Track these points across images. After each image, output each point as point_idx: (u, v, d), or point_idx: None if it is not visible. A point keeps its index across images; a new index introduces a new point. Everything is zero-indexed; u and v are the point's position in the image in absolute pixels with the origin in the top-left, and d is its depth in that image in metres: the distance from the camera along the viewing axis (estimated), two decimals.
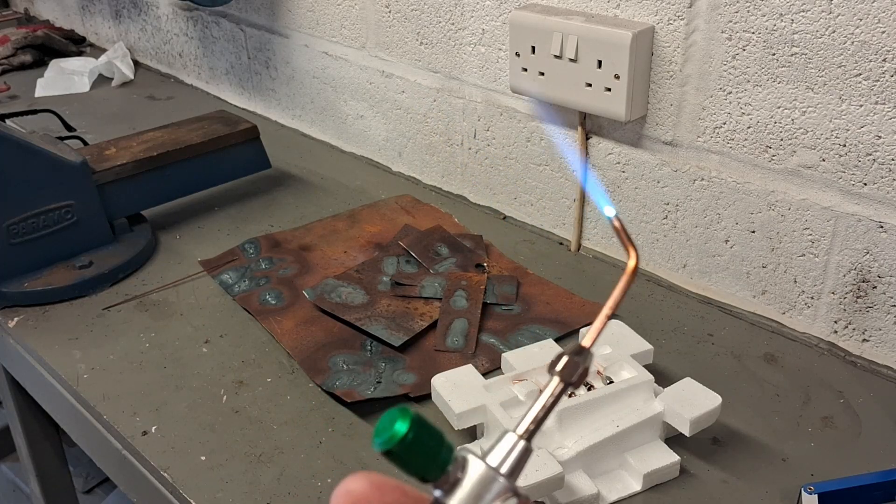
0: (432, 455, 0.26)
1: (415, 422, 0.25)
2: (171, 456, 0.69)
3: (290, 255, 0.96)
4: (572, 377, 0.27)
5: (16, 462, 1.56)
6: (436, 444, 0.26)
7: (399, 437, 0.25)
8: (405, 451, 0.25)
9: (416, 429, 0.25)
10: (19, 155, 0.87)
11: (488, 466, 0.26)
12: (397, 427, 0.25)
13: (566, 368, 0.27)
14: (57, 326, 0.86)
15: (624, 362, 0.69)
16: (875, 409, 0.72)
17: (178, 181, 1.04)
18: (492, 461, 0.26)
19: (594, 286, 0.90)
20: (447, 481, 0.26)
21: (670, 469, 0.65)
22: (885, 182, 0.71)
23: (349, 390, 0.74)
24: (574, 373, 0.27)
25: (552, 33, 0.84)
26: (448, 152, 1.09)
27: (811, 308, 0.80)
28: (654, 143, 0.86)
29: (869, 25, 0.67)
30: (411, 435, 0.25)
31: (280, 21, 1.27)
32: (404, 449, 0.25)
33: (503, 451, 0.27)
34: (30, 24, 1.89)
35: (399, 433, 0.25)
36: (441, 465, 0.26)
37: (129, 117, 1.40)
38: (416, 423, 0.25)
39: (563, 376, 0.27)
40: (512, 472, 0.26)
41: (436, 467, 0.26)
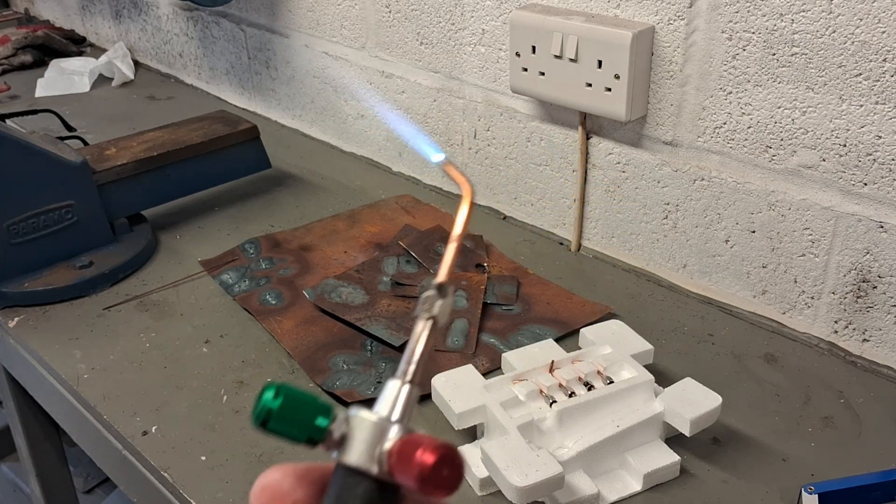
0: (307, 419, 0.26)
1: (280, 391, 0.26)
2: (172, 456, 0.69)
3: (291, 255, 0.96)
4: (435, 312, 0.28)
5: (16, 462, 1.56)
6: (308, 408, 0.26)
7: (266, 411, 0.26)
8: (278, 421, 0.26)
9: (283, 398, 0.26)
10: (19, 155, 0.87)
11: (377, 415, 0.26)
12: (263, 401, 0.26)
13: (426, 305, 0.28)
14: (57, 326, 0.86)
15: (624, 362, 0.69)
16: (875, 409, 0.72)
17: (178, 181, 1.04)
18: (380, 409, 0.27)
19: (594, 286, 0.90)
20: (334, 441, 0.26)
21: (670, 469, 0.65)
22: (886, 182, 0.71)
23: (349, 390, 0.74)
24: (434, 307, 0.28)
25: (552, 33, 0.84)
26: (448, 152, 1.09)
27: (811, 308, 0.80)
28: (654, 143, 0.86)
29: (869, 25, 0.67)
30: (277, 405, 0.26)
31: (280, 21, 1.27)
32: (275, 420, 0.26)
33: (389, 398, 0.27)
34: (30, 24, 1.89)
35: (266, 406, 0.26)
36: (319, 427, 0.26)
37: (130, 117, 1.40)
38: (281, 392, 0.26)
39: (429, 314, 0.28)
40: (402, 418, 0.27)
41: (315, 430, 0.26)
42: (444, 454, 0.24)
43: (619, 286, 0.91)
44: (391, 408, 0.27)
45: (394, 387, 0.27)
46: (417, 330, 0.28)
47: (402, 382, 0.27)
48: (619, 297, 0.88)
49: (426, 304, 0.28)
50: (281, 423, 0.26)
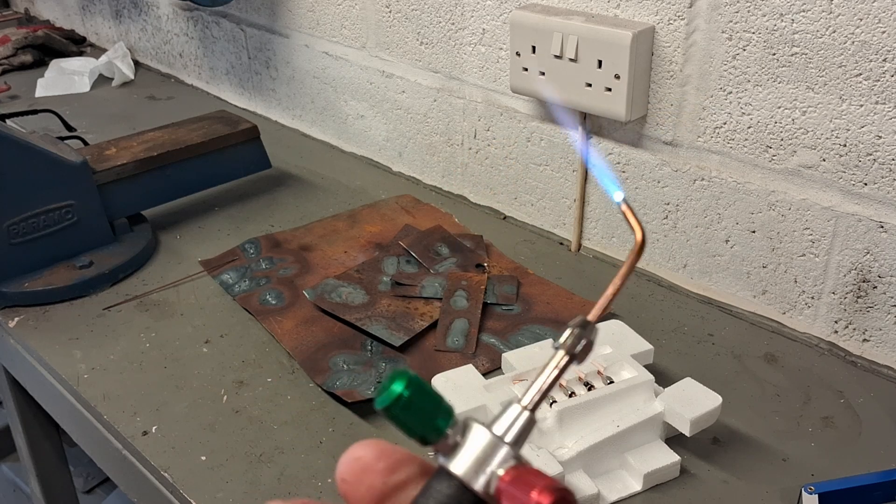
0: (429, 416, 0.26)
1: (412, 382, 0.26)
2: (172, 456, 0.69)
3: (291, 255, 0.96)
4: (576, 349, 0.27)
5: (16, 462, 1.56)
6: (432, 406, 0.26)
7: (395, 396, 0.25)
8: (401, 411, 0.26)
9: (413, 389, 0.26)
10: (19, 155, 0.87)
11: (493, 434, 0.26)
12: (394, 386, 0.26)
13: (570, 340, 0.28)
14: (57, 326, 0.86)
15: (624, 362, 0.69)
16: (875, 409, 0.72)
17: (178, 181, 1.04)
18: (497, 429, 0.27)
19: (594, 286, 0.90)
20: (446, 445, 0.26)
21: (671, 469, 0.65)
22: (886, 182, 0.71)
23: (349, 390, 0.74)
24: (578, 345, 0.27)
25: (552, 33, 0.84)
26: (448, 152, 1.09)
27: (811, 308, 0.80)
28: (654, 143, 0.86)
29: (869, 25, 0.67)
30: (407, 394, 0.25)
31: (280, 21, 1.27)
32: (401, 408, 0.26)
33: (507, 420, 0.27)
34: (30, 24, 1.89)
35: (395, 392, 0.25)
36: (439, 427, 0.26)
37: (130, 117, 1.40)
38: (412, 384, 0.26)
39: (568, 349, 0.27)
40: (516, 441, 0.26)
41: (433, 429, 0.26)
42: (561, 497, 0.24)
43: None
44: (507, 429, 0.27)
45: (514, 411, 0.27)
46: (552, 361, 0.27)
47: (524, 408, 0.27)
48: (619, 297, 0.88)
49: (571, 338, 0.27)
50: (405, 413, 0.26)
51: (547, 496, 0.24)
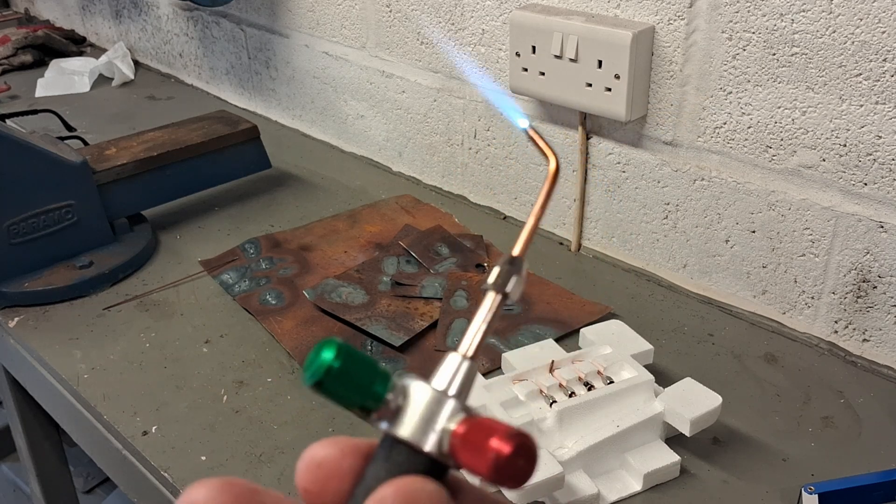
0: (365, 383, 0.24)
1: (342, 350, 0.24)
2: (172, 456, 0.69)
3: (291, 255, 0.96)
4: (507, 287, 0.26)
5: (16, 462, 1.56)
6: (367, 372, 0.24)
7: (325, 367, 0.23)
8: (334, 382, 0.24)
9: (344, 357, 0.24)
10: (19, 155, 0.87)
11: (434, 389, 0.24)
12: (323, 356, 0.24)
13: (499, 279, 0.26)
14: (57, 326, 0.86)
15: (624, 362, 0.69)
16: (875, 409, 0.72)
17: (178, 181, 1.04)
18: (438, 384, 0.25)
19: (594, 286, 0.90)
20: (389, 410, 0.24)
21: (671, 469, 0.65)
22: (886, 182, 0.71)
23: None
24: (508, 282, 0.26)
25: (552, 33, 0.84)
26: (448, 152, 1.09)
27: (811, 308, 0.80)
28: (654, 143, 0.86)
29: (869, 25, 0.67)
30: (338, 364, 0.24)
31: (280, 21, 1.27)
32: (333, 380, 0.24)
33: (448, 372, 0.25)
34: (30, 24, 1.89)
35: (325, 363, 0.23)
36: (377, 394, 0.24)
37: (130, 117, 1.40)
38: (343, 352, 0.24)
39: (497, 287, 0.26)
40: (460, 393, 0.25)
41: (372, 396, 0.24)
42: (522, 443, 0.23)
43: (619, 286, 0.91)
44: (449, 382, 0.25)
45: (453, 360, 0.25)
46: (485, 304, 0.26)
47: (463, 357, 0.25)
48: (619, 297, 0.88)
49: (499, 277, 0.26)
50: (338, 384, 0.24)
51: (507, 443, 0.22)
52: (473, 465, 0.23)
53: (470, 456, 0.23)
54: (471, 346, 0.25)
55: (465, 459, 0.23)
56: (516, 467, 0.23)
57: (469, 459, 0.23)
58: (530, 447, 0.23)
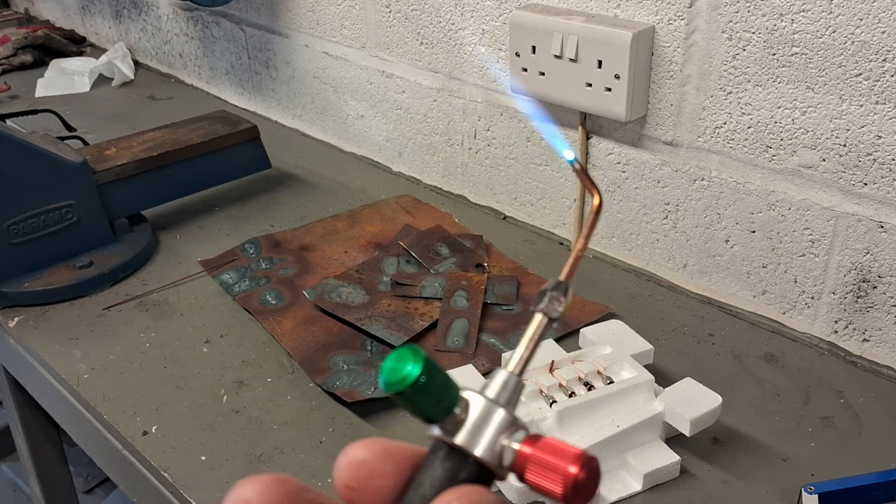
0: (442, 397, 0.25)
1: (427, 363, 0.25)
2: (172, 456, 0.69)
3: (291, 255, 0.96)
4: (554, 311, 0.27)
5: (16, 462, 1.56)
6: (445, 386, 0.25)
7: (412, 380, 0.24)
8: (416, 394, 0.24)
9: (428, 371, 0.25)
10: (20, 155, 0.87)
11: (487, 398, 0.26)
12: (410, 369, 0.24)
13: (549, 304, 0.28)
14: (57, 326, 0.86)
15: (624, 362, 0.69)
16: (875, 409, 0.72)
17: (178, 181, 1.04)
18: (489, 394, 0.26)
19: (594, 286, 0.90)
20: (453, 422, 0.25)
21: (670, 469, 0.65)
22: (886, 182, 0.71)
23: (349, 390, 0.74)
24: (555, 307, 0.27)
25: (552, 33, 0.84)
26: (448, 152, 1.09)
27: (811, 308, 0.80)
28: (654, 143, 0.86)
29: (869, 25, 0.67)
30: (424, 378, 0.24)
31: (280, 21, 1.27)
32: (416, 391, 0.24)
33: (497, 385, 0.27)
34: (30, 24, 1.89)
35: (412, 376, 0.24)
36: (448, 407, 0.25)
37: (130, 117, 1.40)
38: (427, 366, 0.25)
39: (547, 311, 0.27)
40: (509, 401, 0.26)
41: (444, 409, 0.25)
42: (592, 467, 0.24)
43: (619, 286, 0.91)
44: (498, 393, 0.26)
45: (502, 376, 0.27)
46: (532, 325, 0.27)
47: (510, 373, 0.27)
48: (619, 297, 0.88)
49: (550, 302, 0.27)
50: (419, 396, 0.25)
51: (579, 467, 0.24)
52: (544, 486, 0.24)
53: (540, 476, 0.24)
54: (519, 365, 0.27)
55: (534, 478, 0.25)
56: (587, 489, 0.24)
57: (539, 479, 0.24)
58: (597, 469, 0.24)
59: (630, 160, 0.88)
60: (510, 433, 0.26)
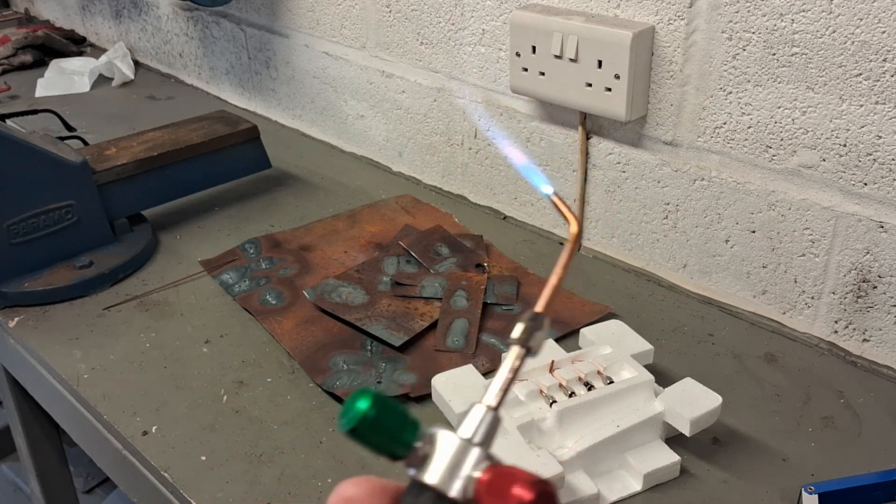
0: (396, 431, 0.26)
1: (376, 400, 0.26)
2: (172, 456, 0.69)
3: (291, 255, 0.96)
4: (530, 342, 0.28)
5: (16, 462, 1.56)
6: (398, 421, 0.26)
7: (360, 415, 0.25)
8: (368, 429, 0.25)
9: (378, 407, 0.26)
10: (19, 155, 0.87)
11: (460, 438, 0.26)
12: (358, 405, 0.25)
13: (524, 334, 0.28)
14: (57, 326, 0.86)
15: (624, 362, 0.69)
16: (875, 409, 0.72)
17: (178, 181, 1.04)
18: (463, 433, 0.26)
19: (594, 286, 0.90)
20: (416, 458, 0.26)
21: (670, 469, 0.65)
22: (886, 182, 0.71)
23: (349, 390, 0.74)
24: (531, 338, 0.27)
25: (552, 33, 0.84)
26: (448, 152, 1.09)
27: (811, 308, 0.80)
28: (654, 143, 0.86)
29: (869, 25, 0.67)
30: (373, 412, 0.25)
31: (280, 21, 1.27)
32: (367, 427, 0.25)
33: (473, 422, 0.27)
34: (30, 24, 1.89)
35: (360, 411, 0.25)
36: (407, 442, 0.26)
37: (130, 117, 1.40)
38: (376, 401, 0.26)
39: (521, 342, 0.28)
40: (484, 442, 0.26)
41: (402, 444, 0.26)
42: (543, 491, 0.24)
43: (619, 286, 0.91)
44: (474, 431, 0.27)
45: (478, 411, 0.27)
46: (509, 357, 0.28)
47: (487, 408, 0.27)
48: (619, 297, 0.88)
49: (523, 332, 0.27)
50: (371, 432, 0.26)
51: (528, 491, 0.24)
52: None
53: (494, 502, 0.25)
54: (496, 399, 0.27)
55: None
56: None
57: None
58: (551, 494, 0.24)
59: (630, 160, 0.88)
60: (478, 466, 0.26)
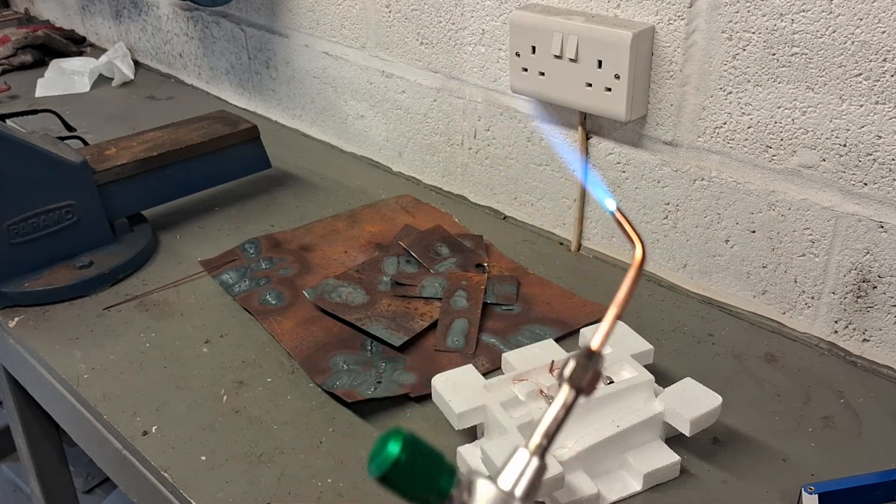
0: (430, 477, 0.23)
1: (408, 442, 0.23)
2: (172, 456, 0.69)
3: (291, 255, 0.96)
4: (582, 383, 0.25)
5: (16, 462, 1.56)
6: (433, 465, 0.23)
7: (392, 460, 0.23)
8: (400, 475, 0.23)
9: (410, 449, 0.23)
10: (20, 155, 0.87)
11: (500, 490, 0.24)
12: (390, 448, 0.23)
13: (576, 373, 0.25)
14: (57, 326, 0.86)
15: (624, 362, 0.69)
16: (875, 409, 0.72)
17: (178, 181, 1.04)
18: (504, 482, 0.24)
19: (594, 286, 0.90)
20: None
21: (670, 469, 0.65)
22: (886, 182, 0.71)
23: (349, 390, 0.74)
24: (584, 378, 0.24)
25: (552, 33, 0.84)
26: (448, 152, 1.09)
27: (811, 308, 0.80)
28: (654, 143, 0.86)
29: (869, 25, 0.67)
30: (405, 456, 0.23)
31: (280, 21, 1.27)
32: (399, 472, 0.23)
33: (515, 470, 0.24)
34: (30, 24, 1.89)
35: (392, 455, 0.23)
36: (443, 490, 0.23)
37: (130, 117, 1.40)
38: (409, 443, 0.23)
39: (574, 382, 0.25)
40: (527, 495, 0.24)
41: (436, 491, 0.23)
42: None
43: (620, 286, 0.90)
44: (516, 481, 0.24)
45: (522, 458, 0.24)
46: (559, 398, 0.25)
47: (532, 454, 0.24)
48: None
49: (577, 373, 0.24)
50: (404, 477, 0.23)
51: None
52: None
53: None
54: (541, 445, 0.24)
55: None
56: None
57: None
58: None
59: (630, 160, 0.88)
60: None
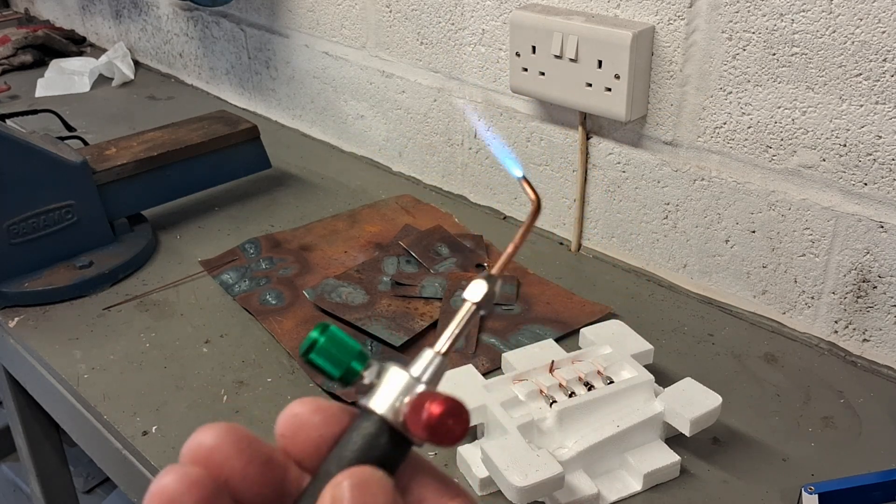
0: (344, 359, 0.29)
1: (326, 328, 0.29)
2: (172, 456, 0.69)
3: (291, 255, 0.96)
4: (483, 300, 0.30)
5: (16, 462, 1.56)
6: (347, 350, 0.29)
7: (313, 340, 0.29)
8: (319, 354, 0.28)
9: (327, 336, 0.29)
10: (20, 155, 0.87)
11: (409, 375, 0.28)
12: (312, 333, 0.29)
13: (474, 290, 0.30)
14: (57, 326, 0.86)
15: (624, 362, 0.69)
16: (875, 409, 0.72)
17: (178, 181, 1.04)
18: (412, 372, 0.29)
19: (594, 286, 0.90)
20: (363, 385, 0.29)
21: (670, 469, 0.65)
22: (886, 182, 0.71)
23: (349, 391, 0.74)
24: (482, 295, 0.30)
25: (552, 33, 0.84)
26: (448, 152, 1.09)
27: (811, 308, 0.80)
28: (654, 143, 0.86)
29: (869, 25, 0.67)
30: (323, 339, 0.29)
31: (280, 21, 1.27)
32: (318, 352, 0.28)
33: (422, 364, 0.29)
34: (30, 24, 1.89)
35: (313, 337, 0.29)
36: (353, 370, 0.29)
37: (130, 117, 1.40)
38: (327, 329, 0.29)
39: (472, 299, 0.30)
40: (431, 381, 0.29)
41: (350, 370, 0.28)
42: (451, 406, 0.27)
43: (619, 286, 0.91)
44: (422, 371, 0.29)
45: (428, 355, 0.29)
46: (462, 311, 0.30)
47: (436, 353, 0.29)
48: (619, 297, 0.88)
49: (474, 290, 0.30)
50: (321, 357, 0.28)
51: (438, 405, 0.26)
52: (414, 429, 0.27)
53: (413, 420, 0.27)
54: (444, 345, 0.30)
55: (410, 425, 0.27)
56: (446, 426, 0.26)
57: (412, 424, 0.27)
58: (459, 408, 0.27)
59: (630, 160, 0.88)
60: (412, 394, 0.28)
